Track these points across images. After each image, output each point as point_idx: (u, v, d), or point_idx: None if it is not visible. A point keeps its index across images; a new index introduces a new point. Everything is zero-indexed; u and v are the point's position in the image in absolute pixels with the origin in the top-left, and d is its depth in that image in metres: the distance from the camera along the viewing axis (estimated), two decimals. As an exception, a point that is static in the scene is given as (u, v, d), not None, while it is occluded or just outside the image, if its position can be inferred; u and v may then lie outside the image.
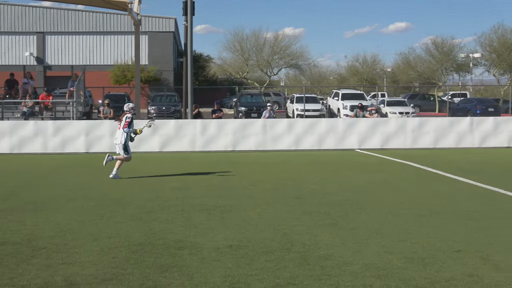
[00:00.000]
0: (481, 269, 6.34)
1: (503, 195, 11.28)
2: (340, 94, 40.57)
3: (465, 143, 22.07)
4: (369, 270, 6.32)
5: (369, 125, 21.88)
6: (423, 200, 10.77)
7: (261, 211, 9.68)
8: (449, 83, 61.79)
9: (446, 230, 8.19)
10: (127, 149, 14.09)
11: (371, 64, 74.72)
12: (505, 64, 51.78)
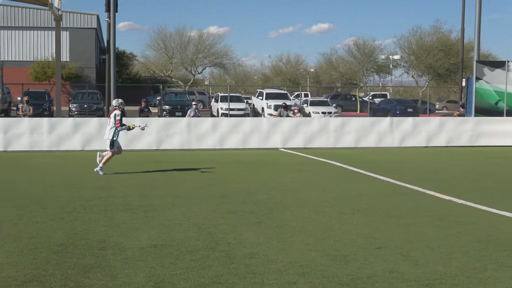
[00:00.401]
0: (401, 265, 6.51)
1: (422, 193, 11.63)
2: (264, 94, 40.84)
3: (386, 143, 22.63)
4: (293, 267, 6.40)
5: (293, 125, 22.12)
6: (345, 198, 10.98)
7: (186, 210, 9.64)
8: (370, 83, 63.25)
9: (367, 228, 8.38)
10: (114, 144, 14.27)
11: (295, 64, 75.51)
12: (423, 66, 53.36)
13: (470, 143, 23.34)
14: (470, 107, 25.75)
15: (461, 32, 37.43)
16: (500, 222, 8.91)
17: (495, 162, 18.14)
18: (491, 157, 19.57)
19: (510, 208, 9.94)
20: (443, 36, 54.28)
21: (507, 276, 6.12)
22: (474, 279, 6.05)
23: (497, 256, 6.91)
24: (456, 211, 9.74)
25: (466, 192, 11.68)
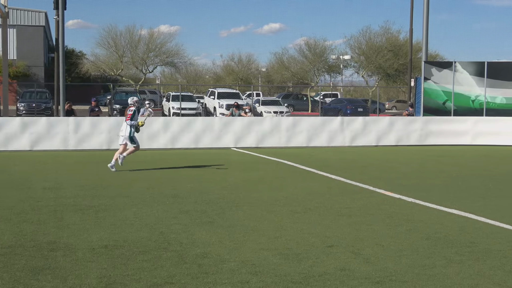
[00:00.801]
0: (352, 263, 6.60)
1: (372, 192, 11.79)
2: (216, 93, 40.83)
3: (337, 142, 22.85)
4: (246, 266, 6.41)
5: (245, 124, 22.15)
6: (297, 197, 11.06)
7: (137, 210, 9.57)
8: (321, 83, 63.77)
9: (319, 226, 8.46)
10: (134, 139, 15.04)
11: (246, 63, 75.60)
12: (372, 66, 54.10)
13: (419, 142, 23.76)
14: (419, 107, 26.18)
15: (409, 33, 38.06)
16: (448, 219, 9.10)
17: (443, 160, 18.52)
18: (439, 155, 19.97)
19: (458, 205, 10.17)
20: (392, 37, 55.16)
21: (454, 272, 6.26)
22: (423, 275, 6.16)
23: (445, 253, 7.06)
24: (405, 209, 9.91)
25: (415, 191, 11.90)
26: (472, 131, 24.23)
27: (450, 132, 24.09)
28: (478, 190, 12.18)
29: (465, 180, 13.95)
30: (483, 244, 7.51)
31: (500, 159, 19.21)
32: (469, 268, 6.42)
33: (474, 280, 6.03)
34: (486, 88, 25.23)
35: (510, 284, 5.89)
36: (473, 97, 25.44)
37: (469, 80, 25.44)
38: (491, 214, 9.48)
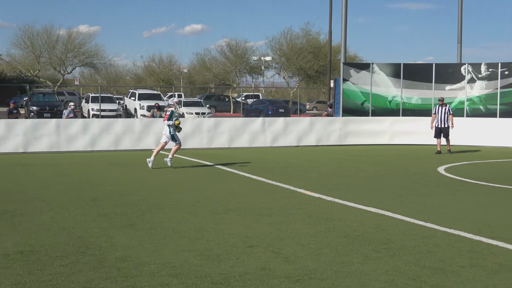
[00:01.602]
0: (272, 262, 6.65)
1: (292, 192, 11.93)
2: (137, 94, 40.37)
3: (258, 143, 23.01)
4: (166, 269, 6.37)
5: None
6: (218, 198, 11.06)
7: (55, 214, 9.34)
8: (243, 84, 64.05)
9: (240, 227, 8.49)
10: (175, 138, 15.82)
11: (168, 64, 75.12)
12: (293, 68, 54.75)
13: (338, 142, 24.22)
14: (338, 107, 26.70)
15: (328, 35, 38.71)
16: (366, 217, 9.31)
17: (362, 160, 18.93)
18: (358, 155, 20.40)
19: (376, 203, 10.42)
20: (312, 39, 55.98)
21: (371, 269, 6.41)
22: (342, 273, 6.28)
23: (363, 250, 7.22)
24: (325, 208, 10.07)
25: (334, 189, 12.12)
26: (390, 131, 24.90)
27: (368, 132, 24.68)
28: (394, 188, 12.52)
29: (382, 178, 14.31)
30: (399, 240, 7.72)
31: (416, 157, 19.79)
32: (386, 264, 6.59)
33: (390, 276, 6.19)
34: (402, 89, 25.98)
35: (424, 279, 6.08)
36: (390, 97, 26.15)
37: (386, 81, 26.13)
38: (406, 211, 9.76)
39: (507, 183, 13.40)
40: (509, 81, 25.19)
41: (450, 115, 21.10)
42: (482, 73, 25.74)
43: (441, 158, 19.29)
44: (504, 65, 25.45)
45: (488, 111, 25.50)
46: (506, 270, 6.40)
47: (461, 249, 7.27)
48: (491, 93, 25.52)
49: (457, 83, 25.98)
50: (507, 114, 24.96)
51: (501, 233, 8.14)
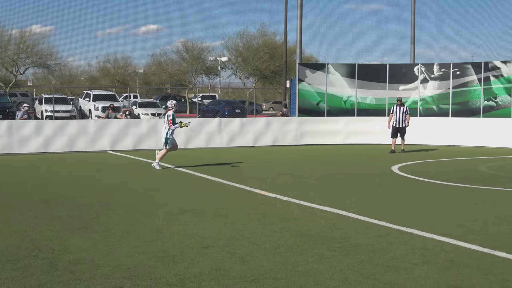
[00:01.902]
0: (227, 263, 6.65)
1: (249, 192, 11.95)
2: (91, 95, 39.90)
3: (214, 143, 22.99)
4: (120, 271, 6.31)
5: (121, 127, 21.79)
6: (174, 199, 11.01)
7: (6, 217, 9.16)
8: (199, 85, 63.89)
9: (195, 228, 8.47)
10: (168, 141, 15.82)
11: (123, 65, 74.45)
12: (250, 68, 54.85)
13: (294, 142, 24.35)
14: (294, 107, 26.84)
15: (284, 36, 38.89)
16: (320, 216, 9.38)
17: (318, 160, 19.06)
18: (313, 155, 20.55)
19: (330, 203, 10.50)
20: (268, 39, 56.20)
21: (326, 268, 6.46)
22: (296, 272, 6.32)
23: (317, 249, 7.27)
24: (280, 208, 10.11)
25: (290, 189, 12.18)
26: (345, 130, 25.15)
27: (323, 132, 24.89)
28: (349, 188, 12.64)
29: (337, 178, 14.44)
30: (353, 239, 7.80)
31: (370, 157, 20.02)
32: (340, 263, 6.65)
33: (344, 274, 6.25)
34: (357, 89, 26.26)
35: (377, 277, 6.16)
36: (345, 97, 26.39)
37: (341, 81, 26.37)
38: (361, 210, 9.87)
39: (458, 181, 13.66)
40: (460, 81, 25.67)
41: (407, 115, 21.43)
42: (434, 73, 26.18)
43: (395, 158, 19.56)
44: (456, 65, 25.93)
45: (440, 111, 25.95)
46: (457, 266, 6.53)
47: (413, 247, 7.38)
48: (444, 93, 25.97)
49: (411, 83, 26.37)
50: (458, 114, 25.45)
51: (452, 231, 8.30)
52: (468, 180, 13.88)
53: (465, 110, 25.48)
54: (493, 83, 24.95)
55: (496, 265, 6.58)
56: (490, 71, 25.03)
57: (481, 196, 11.56)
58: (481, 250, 7.21)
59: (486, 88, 25.06)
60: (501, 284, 5.91)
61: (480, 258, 6.88)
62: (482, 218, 9.25)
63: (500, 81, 24.78)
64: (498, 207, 10.34)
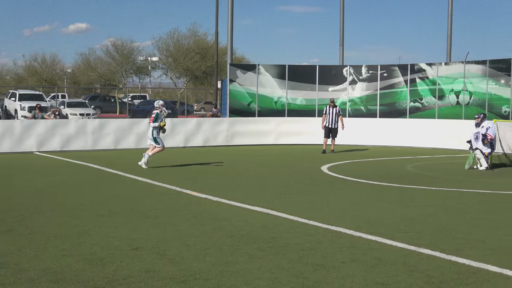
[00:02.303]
0: (157, 264, 6.59)
1: (179, 193, 11.89)
2: (17, 95, 38.86)
3: (145, 144, 22.62)
4: (47, 275, 6.16)
5: (49, 127, 21.30)
6: (103, 200, 10.84)
7: None
8: (129, 85, 63.14)
9: (125, 229, 8.35)
10: (157, 140, 16.00)
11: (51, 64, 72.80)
12: (181, 68, 54.58)
13: (225, 143, 24.38)
14: (225, 108, 26.87)
15: (215, 36, 38.86)
16: (251, 216, 9.41)
17: (248, 160, 19.14)
18: (245, 155, 20.62)
19: (261, 203, 10.55)
20: (199, 39, 56.03)
21: (256, 267, 6.49)
22: (227, 272, 6.31)
23: (247, 249, 7.29)
24: (211, 208, 10.09)
25: (221, 190, 12.17)
26: (275, 131, 25.34)
27: (255, 133, 25.02)
28: (280, 188, 12.74)
29: (268, 178, 14.53)
30: (283, 238, 7.86)
31: (301, 157, 20.24)
32: (270, 263, 6.69)
33: (274, 273, 6.29)
34: (287, 90, 26.49)
35: (306, 275, 6.22)
36: (275, 98, 26.59)
37: (272, 82, 26.55)
38: (291, 209, 9.95)
39: (386, 180, 13.96)
40: (387, 82, 26.25)
41: (340, 116, 21.76)
42: (363, 75, 26.68)
43: (325, 158, 19.83)
44: (383, 67, 26.50)
45: (368, 112, 26.47)
46: (384, 264, 6.66)
47: (342, 245, 7.49)
48: (372, 94, 26.50)
49: (340, 85, 26.79)
50: (386, 115, 26.03)
51: (380, 229, 8.47)
52: (395, 179, 14.20)
53: (392, 111, 26.07)
54: (419, 85, 25.62)
55: (421, 262, 6.75)
56: (416, 73, 25.70)
57: (408, 195, 11.85)
58: (407, 248, 7.39)
59: (412, 90, 25.71)
60: (425, 280, 6.07)
61: (406, 255, 7.05)
62: (408, 217, 9.48)
63: (426, 83, 25.47)
64: (423, 205, 10.62)
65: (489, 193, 12.28)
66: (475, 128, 16.68)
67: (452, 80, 24.80)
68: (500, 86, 23.36)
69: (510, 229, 8.56)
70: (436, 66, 25.30)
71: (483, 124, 16.57)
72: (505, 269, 6.44)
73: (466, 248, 7.40)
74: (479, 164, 16.54)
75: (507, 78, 23.07)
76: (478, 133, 16.50)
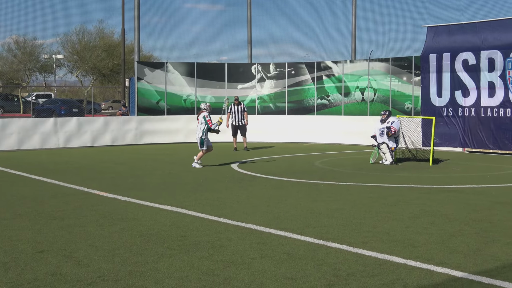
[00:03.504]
0: (64, 267, 6.42)
1: (87, 193, 11.64)
2: None
3: (50, 144, 22.14)
4: None
5: None
6: (6, 203, 10.48)
7: None
8: (33, 83, 61.18)
9: (30, 232, 8.10)
10: (203, 142, 16.09)
11: None
12: (87, 66, 53.35)
13: (134, 142, 24.08)
14: (133, 106, 26.51)
15: (121, 33, 38.26)
16: (161, 215, 9.33)
17: (158, 159, 18.97)
18: (154, 154, 20.43)
19: (171, 201, 10.48)
20: (106, 37, 54.93)
21: (166, 267, 6.44)
22: (136, 272, 6.23)
23: (157, 248, 7.22)
24: (120, 209, 9.94)
25: (130, 189, 12.00)
26: (185, 129, 25.21)
27: (164, 131, 24.85)
28: (190, 186, 12.69)
29: (178, 176, 14.45)
30: (193, 237, 7.83)
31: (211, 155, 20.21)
32: (180, 261, 6.65)
33: (184, 272, 6.26)
34: (196, 88, 26.42)
35: (217, 273, 6.22)
36: (184, 96, 26.48)
37: (180, 80, 26.42)
38: (201, 207, 9.94)
39: (295, 176, 14.16)
40: (295, 80, 26.64)
41: (245, 113, 21.88)
42: (271, 72, 26.96)
43: (235, 155, 19.91)
44: (291, 65, 26.87)
45: (277, 109, 26.79)
46: (293, 258, 6.75)
47: (252, 242, 7.54)
48: (280, 92, 26.82)
49: (248, 82, 26.96)
50: (294, 112, 26.42)
51: (289, 224, 8.58)
52: (304, 175, 14.43)
53: (300, 108, 26.49)
54: (325, 82, 26.14)
55: (329, 255, 6.89)
56: (323, 71, 26.21)
57: (316, 190, 12.07)
58: (316, 242, 7.52)
59: (319, 87, 26.21)
60: (333, 273, 6.20)
61: (315, 249, 7.18)
62: (316, 212, 9.65)
63: (332, 80, 26.02)
64: (331, 200, 10.84)
65: (393, 186, 12.68)
66: (381, 124, 17.16)
67: (357, 78, 25.44)
68: (403, 83, 24.17)
69: (412, 221, 8.87)
70: (341, 64, 25.89)
71: (388, 120, 17.08)
72: (409, 260, 6.67)
73: (371, 240, 7.61)
74: (384, 158, 17.05)
75: (409, 75, 23.90)
76: (383, 129, 16.99)
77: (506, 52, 19.66)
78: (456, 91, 20.96)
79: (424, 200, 10.86)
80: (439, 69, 21.37)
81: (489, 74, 20.11)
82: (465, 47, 20.79)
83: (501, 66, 19.77)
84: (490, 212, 9.62)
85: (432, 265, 6.48)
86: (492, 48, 20.09)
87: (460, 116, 20.84)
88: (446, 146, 20.87)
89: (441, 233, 8.03)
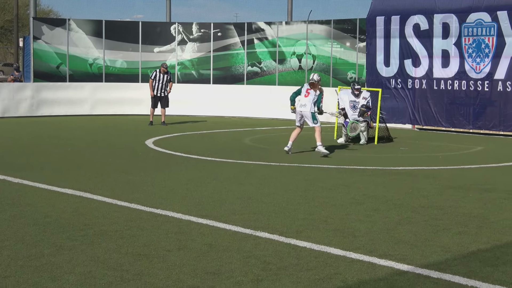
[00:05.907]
0: None
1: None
2: None
3: None
4: None
5: None
6: None
7: None
8: None
9: None
10: (316, 117, 14.80)
11: None
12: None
13: (30, 113, 23.63)
14: (29, 71, 25.96)
15: (16, -17, 37.26)
16: (60, 200, 9.19)
17: (59, 134, 18.66)
18: (54, 128, 20.12)
19: (73, 184, 10.34)
20: (-5, -13, 53.47)
21: (65, 261, 6.34)
22: (29, 267, 6.12)
23: (55, 239, 7.12)
24: (11, 192, 9.74)
25: (23, 170, 11.77)
26: (91, 99, 24.86)
27: (66, 101, 24.43)
28: (96, 166, 12.54)
29: (82, 155, 14.27)
30: (98, 225, 7.75)
31: (122, 130, 20.04)
32: (82, 254, 6.57)
33: (87, 266, 6.19)
34: (104, 51, 26.03)
35: (126, 267, 6.17)
36: (90, 60, 26.07)
37: (86, 40, 25.97)
38: (109, 191, 9.85)
39: (220, 156, 14.17)
40: (222, 43, 26.59)
41: (170, 83, 21.50)
42: (193, 34, 26.80)
43: (151, 130, 19.75)
44: (217, 25, 26.77)
45: (201, 77, 26.70)
46: (215, 250, 6.77)
47: (168, 231, 7.52)
48: (204, 57, 26.73)
49: (167, 45, 26.74)
50: (220, 80, 26.37)
51: (212, 211, 8.60)
52: (231, 154, 14.46)
53: (227, 76, 26.48)
54: (257, 47, 26.19)
55: (258, 247, 6.94)
56: (254, 33, 26.24)
57: (244, 172, 12.12)
58: (242, 232, 7.56)
59: (249, 52, 26.24)
60: (262, 267, 6.24)
61: (241, 240, 7.21)
62: (244, 196, 9.70)
63: (265, 44, 26.08)
64: (261, 183, 10.91)
65: (332, 168, 12.86)
66: (352, 96, 16.92)
67: (294, 42, 25.60)
68: (346, 49, 24.47)
69: (353, 208, 9.02)
70: (276, 26, 25.97)
71: (363, 95, 16.88)
72: (348, 252, 6.78)
73: (307, 229, 7.70)
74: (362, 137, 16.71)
75: (353, 40, 24.19)
76: (356, 102, 16.77)
77: (462, 16, 19.99)
78: (405, 59, 21.31)
79: (367, 183, 11.06)
80: (387, 34, 21.65)
81: (443, 41, 20.52)
82: (417, 10, 21.06)
83: (456, 32, 20.14)
84: (441, 198, 9.88)
85: (374, 257, 6.61)
86: (446, 12, 20.38)
87: (409, 89, 21.23)
88: (393, 122, 21.17)
89: (386, 221, 8.20)
